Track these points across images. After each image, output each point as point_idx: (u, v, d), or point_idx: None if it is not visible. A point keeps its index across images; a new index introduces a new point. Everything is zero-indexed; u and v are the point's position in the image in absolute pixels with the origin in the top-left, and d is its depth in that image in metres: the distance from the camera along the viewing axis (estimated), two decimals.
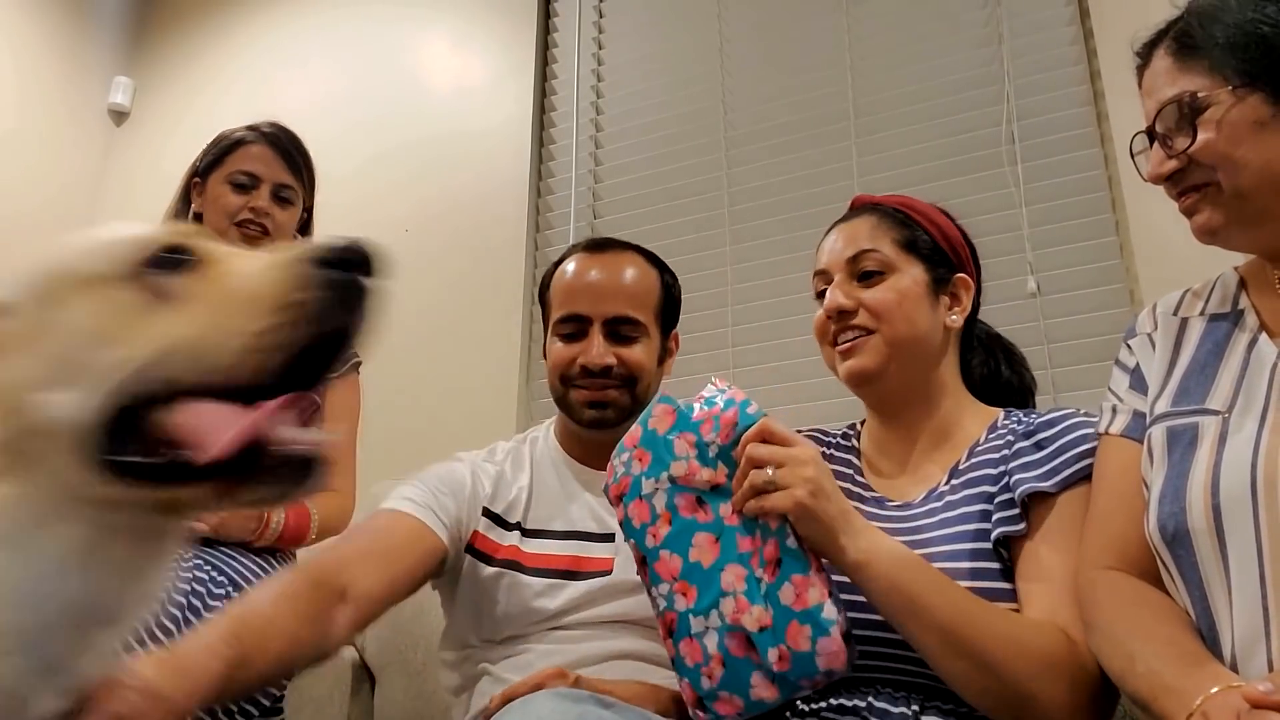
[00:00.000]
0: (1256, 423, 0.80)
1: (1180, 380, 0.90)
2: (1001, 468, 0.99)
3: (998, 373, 1.19)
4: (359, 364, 1.59)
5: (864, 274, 1.08)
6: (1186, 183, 0.87)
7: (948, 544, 0.96)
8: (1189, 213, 0.88)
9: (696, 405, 0.99)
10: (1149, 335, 0.97)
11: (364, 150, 2.55)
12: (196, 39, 2.97)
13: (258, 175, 1.53)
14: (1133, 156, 0.94)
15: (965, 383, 1.14)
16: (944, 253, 1.11)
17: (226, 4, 2.97)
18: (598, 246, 1.34)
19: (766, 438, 0.91)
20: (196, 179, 1.57)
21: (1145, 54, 0.92)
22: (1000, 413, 1.09)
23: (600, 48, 2.46)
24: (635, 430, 1.00)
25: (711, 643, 0.85)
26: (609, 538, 1.24)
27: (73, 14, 2.87)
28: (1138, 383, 0.95)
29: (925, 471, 1.08)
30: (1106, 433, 0.95)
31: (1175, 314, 0.96)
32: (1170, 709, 0.72)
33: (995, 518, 0.96)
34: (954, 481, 1.02)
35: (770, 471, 0.88)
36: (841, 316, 1.07)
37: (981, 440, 1.05)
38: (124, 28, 3.04)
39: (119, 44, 3.01)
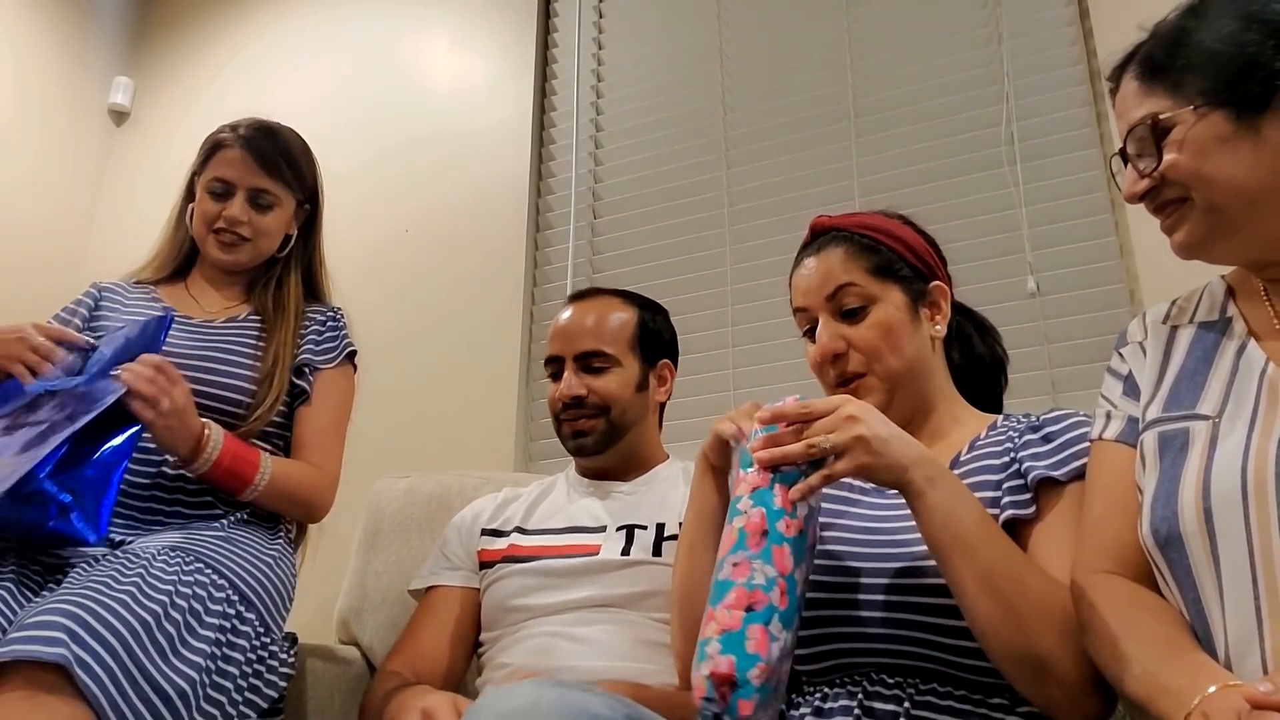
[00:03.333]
0: (1246, 426, 0.81)
1: (1171, 387, 0.91)
2: (1007, 457, 1.01)
3: (971, 349, 1.20)
4: (354, 353, 1.59)
5: (846, 311, 1.08)
6: (1161, 199, 0.89)
7: None
8: (1168, 231, 0.90)
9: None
10: (1140, 344, 0.98)
11: (364, 150, 2.56)
12: (196, 39, 2.97)
13: (230, 181, 1.50)
14: (1113, 176, 0.96)
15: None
16: (915, 267, 1.12)
17: (226, 4, 2.97)
18: (578, 296, 1.50)
19: (807, 413, 0.90)
20: (195, 177, 1.57)
21: (1115, 78, 0.94)
22: (999, 416, 1.11)
23: (600, 48, 2.46)
24: None
25: (776, 652, 0.83)
26: (601, 529, 1.36)
27: (73, 14, 2.87)
28: (1131, 389, 0.96)
29: None
30: (1100, 438, 0.96)
31: (1165, 322, 0.97)
32: (1168, 709, 0.72)
33: (1005, 500, 0.97)
34: (955, 471, 1.03)
35: (827, 441, 0.87)
36: (836, 360, 1.09)
37: (983, 435, 1.07)
38: (124, 28, 3.04)
39: (119, 44, 3.01)
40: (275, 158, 1.53)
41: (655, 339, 1.48)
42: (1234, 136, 0.83)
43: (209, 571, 1.23)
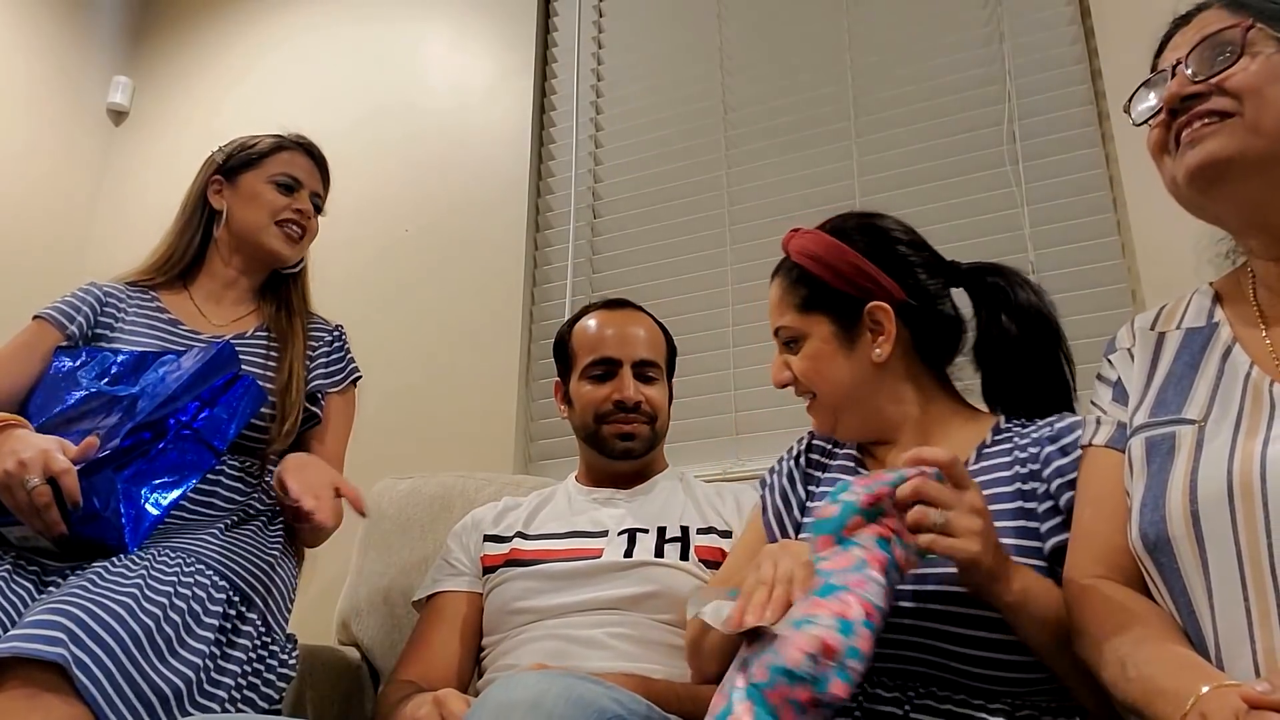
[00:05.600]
0: (1231, 429, 0.81)
1: (1158, 392, 0.91)
2: (1018, 468, 1.00)
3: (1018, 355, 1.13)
4: (359, 379, 1.60)
5: (787, 342, 1.15)
6: (1204, 107, 0.86)
7: None
8: (1196, 140, 0.86)
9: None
10: (1128, 350, 0.98)
11: (364, 150, 2.55)
12: (196, 39, 2.97)
13: (300, 179, 1.57)
14: (1127, 110, 0.94)
15: (1006, 390, 1.12)
16: (841, 294, 1.09)
17: (226, 4, 2.97)
18: (615, 305, 1.53)
19: (931, 488, 0.87)
20: (217, 177, 1.56)
21: (1192, 13, 0.92)
22: (1000, 417, 1.10)
23: (600, 48, 2.46)
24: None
25: (862, 667, 0.78)
26: (603, 534, 1.37)
27: (72, 14, 2.87)
28: (1120, 395, 0.97)
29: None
30: (1091, 444, 0.96)
31: (1152, 329, 0.97)
32: (1164, 712, 0.72)
33: (1044, 529, 0.96)
34: None
35: (942, 516, 0.84)
36: (789, 386, 1.15)
37: (989, 441, 1.06)
38: (124, 28, 3.04)
39: (118, 44, 3.01)
40: (327, 171, 1.64)
41: (674, 360, 1.55)
42: None
43: (209, 572, 1.23)
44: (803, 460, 1.19)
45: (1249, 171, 0.84)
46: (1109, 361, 1.00)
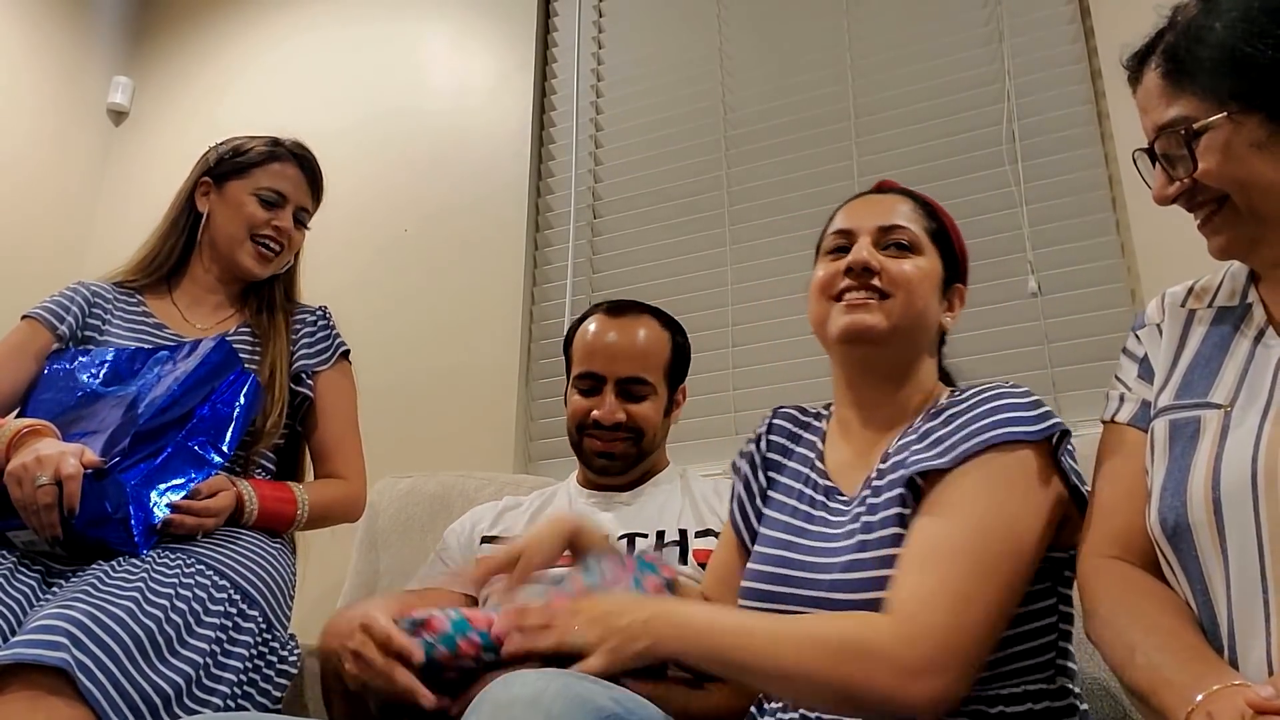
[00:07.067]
0: (1259, 417, 0.80)
1: (1184, 373, 0.90)
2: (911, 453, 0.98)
3: None
4: (347, 351, 1.59)
5: (893, 245, 1.07)
6: (1196, 201, 0.87)
7: (878, 531, 0.94)
8: (1207, 235, 0.88)
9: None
10: (1157, 325, 0.96)
11: (364, 150, 2.55)
12: (196, 39, 2.97)
13: (285, 195, 1.53)
14: (1140, 171, 0.94)
15: None
16: (957, 258, 1.14)
17: (226, 4, 2.97)
18: (616, 310, 1.47)
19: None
20: (206, 179, 1.54)
21: (1135, 68, 0.92)
22: (946, 392, 1.07)
23: (600, 48, 2.46)
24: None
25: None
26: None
27: (72, 14, 2.87)
28: (1146, 372, 0.95)
29: (869, 458, 1.05)
30: (1113, 420, 0.94)
31: (1183, 305, 0.96)
32: (1170, 703, 0.72)
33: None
34: (881, 466, 1.00)
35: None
36: (863, 273, 1.05)
37: (914, 424, 1.03)
38: (124, 28, 3.04)
39: (119, 44, 3.01)
40: (318, 181, 1.59)
41: (682, 364, 1.50)
42: (1268, 140, 0.82)
43: (210, 573, 1.24)
44: (763, 444, 1.17)
45: (1268, 244, 0.85)
46: (1136, 336, 0.98)
